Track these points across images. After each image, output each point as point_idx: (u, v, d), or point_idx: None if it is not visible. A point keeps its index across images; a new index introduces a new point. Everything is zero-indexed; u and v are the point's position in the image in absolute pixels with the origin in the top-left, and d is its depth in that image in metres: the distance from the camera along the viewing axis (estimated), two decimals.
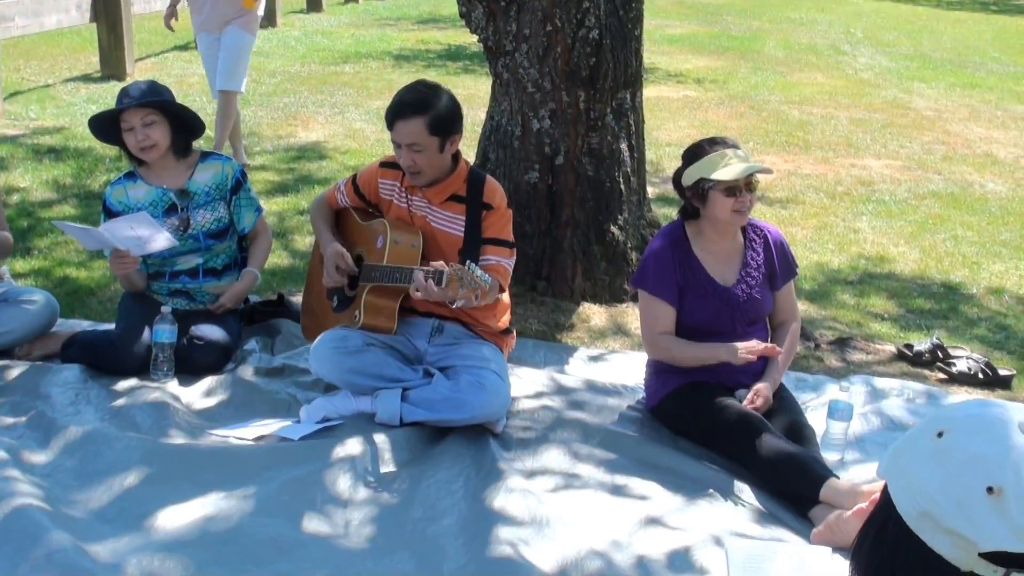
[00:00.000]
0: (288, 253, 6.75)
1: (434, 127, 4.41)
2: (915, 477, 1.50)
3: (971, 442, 1.48)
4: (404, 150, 4.45)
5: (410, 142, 4.42)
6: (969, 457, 1.47)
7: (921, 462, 1.51)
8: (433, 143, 4.43)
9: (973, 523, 1.44)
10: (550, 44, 5.74)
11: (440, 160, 4.49)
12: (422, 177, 4.51)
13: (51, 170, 8.47)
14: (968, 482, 1.45)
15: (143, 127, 4.95)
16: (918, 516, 1.48)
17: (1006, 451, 1.45)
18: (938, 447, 1.50)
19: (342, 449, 4.15)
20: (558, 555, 3.58)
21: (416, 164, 4.46)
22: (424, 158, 4.44)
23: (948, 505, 1.46)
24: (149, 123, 4.95)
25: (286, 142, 9.76)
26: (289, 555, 3.53)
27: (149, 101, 4.94)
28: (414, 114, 4.41)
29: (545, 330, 5.59)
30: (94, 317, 5.63)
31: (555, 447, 4.35)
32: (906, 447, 1.56)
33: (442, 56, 15.41)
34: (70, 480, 4.01)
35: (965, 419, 1.52)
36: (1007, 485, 1.43)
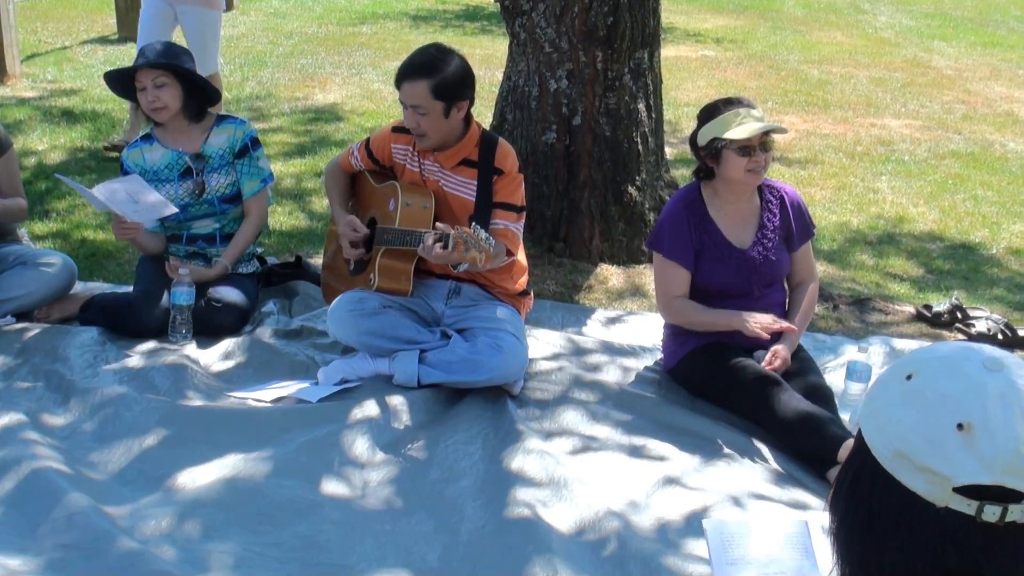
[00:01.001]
0: (305, 215, 6.74)
1: (438, 91, 4.39)
2: (888, 419, 1.57)
3: (939, 382, 1.55)
4: (409, 111, 4.44)
5: (414, 104, 4.41)
6: (938, 396, 1.54)
7: (893, 404, 1.57)
8: (437, 107, 4.41)
9: (946, 459, 1.50)
10: (567, 3, 5.70)
11: (445, 125, 4.47)
12: (427, 140, 4.49)
13: (68, 132, 8.48)
14: (939, 420, 1.52)
15: (154, 88, 4.94)
16: (893, 456, 1.54)
17: (973, 388, 1.53)
18: (908, 389, 1.57)
19: (360, 411, 4.16)
20: (576, 516, 3.59)
21: (420, 126, 4.44)
22: (428, 121, 4.43)
23: (921, 443, 1.52)
24: (160, 85, 4.95)
25: (303, 103, 9.73)
26: (307, 516, 3.55)
27: (161, 62, 4.93)
28: (420, 77, 4.39)
29: (563, 291, 5.58)
30: (112, 280, 5.64)
31: (573, 408, 4.35)
32: (878, 392, 1.62)
33: (460, 16, 15.33)
34: (89, 442, 4.04)
35: (932, 360, 1.59)
36: (976, 421, 1.50)
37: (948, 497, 1.50)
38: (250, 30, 13.64)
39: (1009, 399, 1.51)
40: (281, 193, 6.99)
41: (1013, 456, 1.48)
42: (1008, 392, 1.51)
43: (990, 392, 1.51)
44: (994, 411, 1.50)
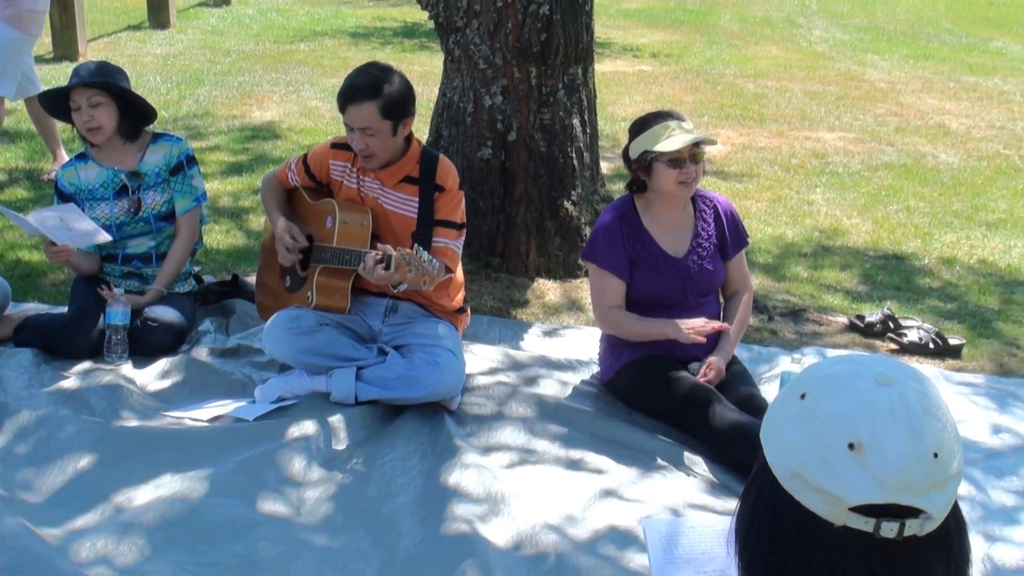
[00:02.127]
0: (243, 233, 6.72)
1: (387, 111, 4.40)
2: (784, 439, 1.58)
3: (830, 401, 1.55)
4: (357, 134, 4.44)
5: (363, 126, 4.41)
6: (829, 416, 1.54)
7: (788, 424, 1.59)
8: (386, 127, 4.42)
9: (839, 479, 1.51)
10: (500, 20, 5.74)
11: (393, 143, 4.49)
12: (375, 160, 4.50)
13: (3, 152, 8.40)
14: (830, 441, 1.53)
15: (89, 108, 4.93)
16: (790, 477, 1.56)
17: (863, 406, 1.53)
18: (802, 409, 1.58)
19: (297, 428, 4.16)
20: (513, 530, 3.61)
21: (369, 148, 4.45)
22: (377, 142, 4.44)
23: (815, 464, 1.53)
24: (95, 104, 4.93)
25: (240, 121, 9.70)
26: (244, 535, 3.55)
27: (95, 82, 4.91)
28: (366, 98, 4.39)
29: (500, 306, 5.61)
30: (47, 300, 5.59)
31: (510, 423, 4.37)
32: (776, 411, 1.63)
33: (398, 33, 15.35)
34: (23, 464, 4.00)
35: (825, 379, 1.60)
36: (866, 440, 1.51)
37: (845, 516, 1.52)
38: (187, 48, 13.57)
39: (899, 414, 1.51)
40: (218, 211, 6.97)
41: (904, 473, 1.49)
42: (898, 407, 1.52)
43: (880, 408, 1.52)
44: (884, 428, 1.50)
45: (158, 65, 12.29)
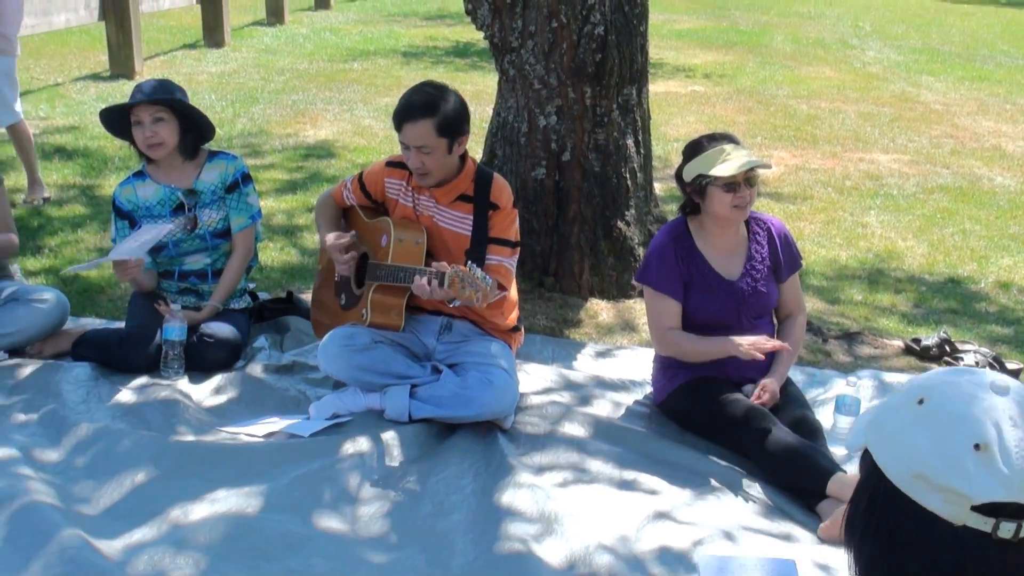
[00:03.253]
0: (297, 251, 6.77)
1: (442, 129, 4.42)
2: (904, 443, 1.64)
3: (952, 405, 1.62)
4: (413, 152, 4.47)
5: (419, 144, 4.43)
6: (953, 419, 1.61)
7: (907, 428, 1.65)
8: (441, 145, 4.45)
9: (966, 478, 1.57)
10: (556, 40, 5.76)
11: (448, 161, 4.51)
12: (430, 178, 4.52)
13: (61, 169, 8.50)
14: (956, 442, 1.59)
15: (152, 123, 4.98)
16: (911, 478, 1.62)
17: (985, 411, 1.60)
18: (922, 413, 1.64)
19: (352, 445, 4.18)
20: (566, 550, 3.60)
21: (425, 166, 4.47)
22: (432, 160, 4.46)
23: (940, 465, 1.59)
24: (158, 120, 4.98)
25: (295, 140, 9.78)
26: (299, 550, 3.56)
27: (159, 98, 4.96)
28: (422, 116, 4.42)
29: (553, 326, 5.61)
30: (104, 315, 5.66)
31: (563, 443, 4.37)
32: (888, 418, 1.70)
33: (450, 53, 15.43)
34: (82, 477, 4.04)
35: (942, 385, 1.67)
36: (991, 441, 1.57)
37: (966, 516, 1.57)
38: (241, 66, 13.71)
39: (1018, 419, 1.59)
40: (273, 229, 7.03)
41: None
42: (1016, 412, 1.60)
43: (1001, 412, 1.59)
44: (1006, 430, 1.57)
45: (213, 83, 12.42)
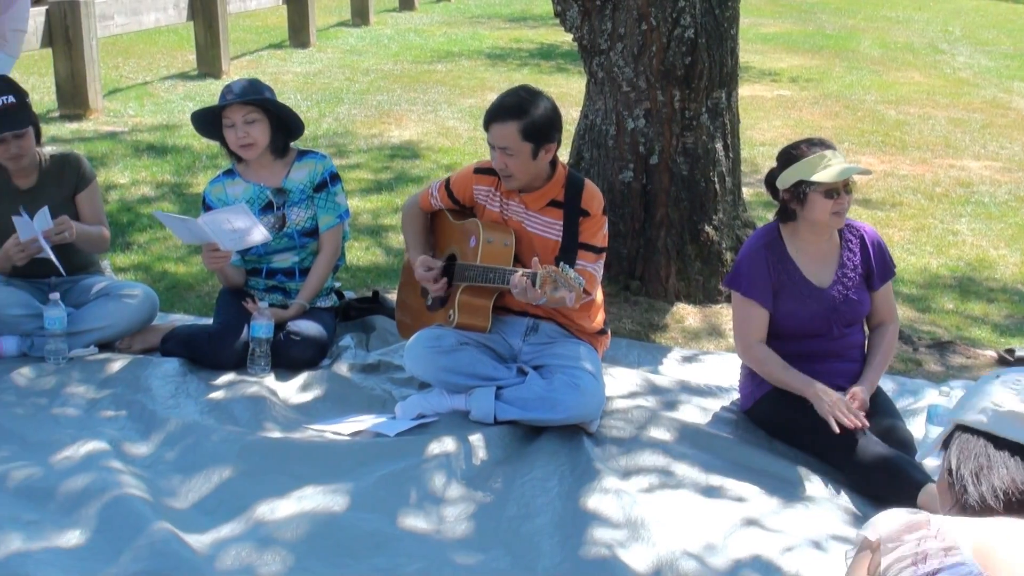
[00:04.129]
0: (382, 250, 6.80)
1: (527, 133, 4.41)
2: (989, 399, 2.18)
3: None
4: (497, 152, 4.46)
5: (503, 145, 4.43)
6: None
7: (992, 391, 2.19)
8: (525, 149, 4.43)
9: None
10: (645, 43, 5.73)
11: (533, 166, 4.49)
12: (513, 181, 4.51)
13: (150, 167, 8.61)
14: None
15: (244, 124, 5.01)
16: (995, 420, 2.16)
17: None
18: (1003, 379, 2.21)
19: (437, 446, 4.17)
20: (652, 556, 3.57)
21: (508, 167, 4.46)
22: (515, 162, 4.45)
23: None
24: (250, 120, 5.01)
25: (379, 140, 9.83)
26: (385, 549, 3.57)
27: (251, 99, 5.00)
28: (509, 118, 4.41)
29: (639, 330, 5.58)
30: (193, 312, 5.72)
31: (649, 447, 4.33)
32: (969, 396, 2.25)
33: (534, 55, 15.42)
34: (170, 471, 4.08)
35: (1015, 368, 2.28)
36: None
37: None
38: (327, 67, 13.81)
39: None
40: (358, 229, 7.06)
41: None
42: None
43: None
44: None
45: (298, 83, 12.53)
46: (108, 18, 11.24)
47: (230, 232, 4.84)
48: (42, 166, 5.19)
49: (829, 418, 4.16)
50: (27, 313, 5.01)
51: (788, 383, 4.34)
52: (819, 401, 4.22)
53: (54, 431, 4.34)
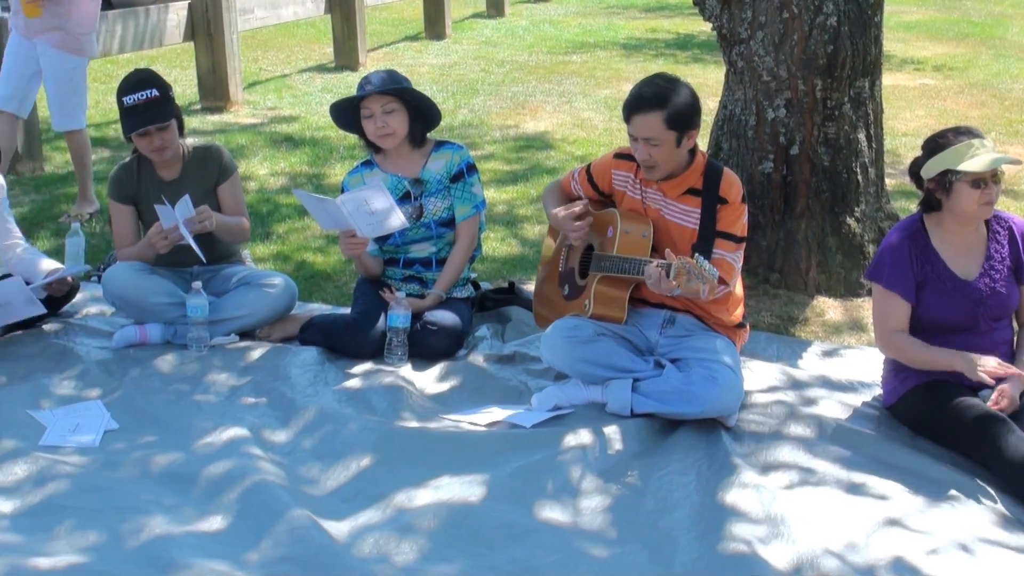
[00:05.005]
0: (517, 241, 6.80)
1: (671, 122, 4.36)
2: None
3: None
4: (640, 144, 4.42)
5: (647, 136, 4.39)
6: None
7: None
8: (670, 138, 4.39)
9: None
10: (786, 31, 5.63)
11: (676, 155, 4.44)
12: (657, 171, 4.47)
13: (288, 158, 8.74)
14: None
15: (383, 114, 5.05)
16: None
17: None
18: None
19: (573, 437, 4.16)
20: (793, 553, 3.50)
21: (652, 158, 4.42)
22: (660, 152, 4.40)
23: None
24: (389, 111, 5.05)
25: (515, 131, 9.83)
26: (521, 541, 3.57)
27: (390, 89, 5.03)
28: (652, 108, 4.37)
29: (778, 323, 5.49)
30: (331, 301, 5.78)
31: (789, 443, 4.25)
32: None
33: (671, 45, 15.28)
34: (308, 459, 4.14)
35: None
36: None
37: None
38: (462, 58, 13.88)
39: None
40: (494, 220, 7.06)
41: None
42: None
43: None
44: None
45: (434, 75, 12.60)
46: (248, 12, 11.45)
47: (368, 216, 4.87)
48: (185, 158, 5.29)
49: (984, 377, 4.07)
50: (171, 302, 5.11)
51: (933, 361, 4.23)
52: (970, 366, 4.11)
53: (196, 417, 4.43)
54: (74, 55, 7.18)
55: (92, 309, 5.61)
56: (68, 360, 4.94)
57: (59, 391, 4.68)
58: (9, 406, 4.46)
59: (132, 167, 5.30)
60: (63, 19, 7.07)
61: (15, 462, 3.99)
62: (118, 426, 4.37)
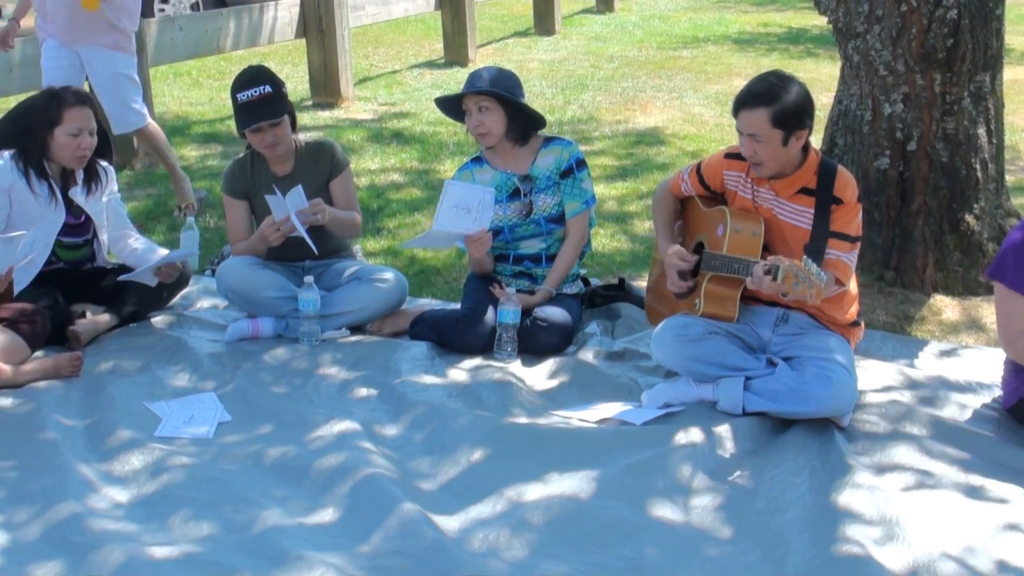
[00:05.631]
0: (627, 238, 6.76)
1: (777, 120, 4.30)
2: None
3: None
4: (746, 139, 4.37)
5: (752, 132, 4.33)
6: None
7: None
8: (775, 136, 4.32)
9: None
10: (904, 25, 5.53)
11: (783, 154, 4.38)
12: (763, 169, 4.42)
13: (398, 153, 8.79)
14: None
15: (478, 113, 5.06)
16: None
17: None
18: None
19: (684, 435, 4.13)
20: (909, 557, 3.43)
21: (757, 155, 4.37)
22: (765, 149, 4.35)
23: None
24: (484, 110, 5.06)
25: (624, 127, 9.79)
26: (632, 538, 3.55)
27: (483, 89, 5.04)
28: (759, 104, 4.31)
29: (893, 322, 5.39)
30: (440, 296, 5.80)
31: (905, 443, 4.17)
32: None
33: (783, 39, 15.10)
34: (419, 453, 4.15)
35: None
36: None
37: None
38: (571, 54, 13.85)
39: None
40: (603, 216, 7.04)
41: None
42: None
43: None
44: None
45: (543, 70, 12.59)
46: (359, 8, 11.55)
47: (467, 216, 4.90)
48: (298, 154, 5.35)
49: None
50: (283, 295, 5.16)
51: None
52: None
53: (308, 410, 4.47)
54: (122, 54, 7.03)
55: (205, 302, 5.70)
56: (181, 353, 5.02)
57: (173, 383, 4.76)
58: (125, 397, 4.55)
59: (246, 163, 5.37)
60: (117, 13, 6.92)
61: (131, 452, 4.07)
62: (231, 418, 4.43)
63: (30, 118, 5.10)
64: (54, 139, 5.06)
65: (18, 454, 4.06)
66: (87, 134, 5.10)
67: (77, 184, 5.24)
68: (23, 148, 5.09)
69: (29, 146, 5.08)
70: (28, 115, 5.12)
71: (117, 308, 5.26)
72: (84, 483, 3.83)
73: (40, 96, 5.21)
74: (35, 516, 3.62)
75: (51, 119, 5.05)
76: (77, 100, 5.11)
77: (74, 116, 5.06)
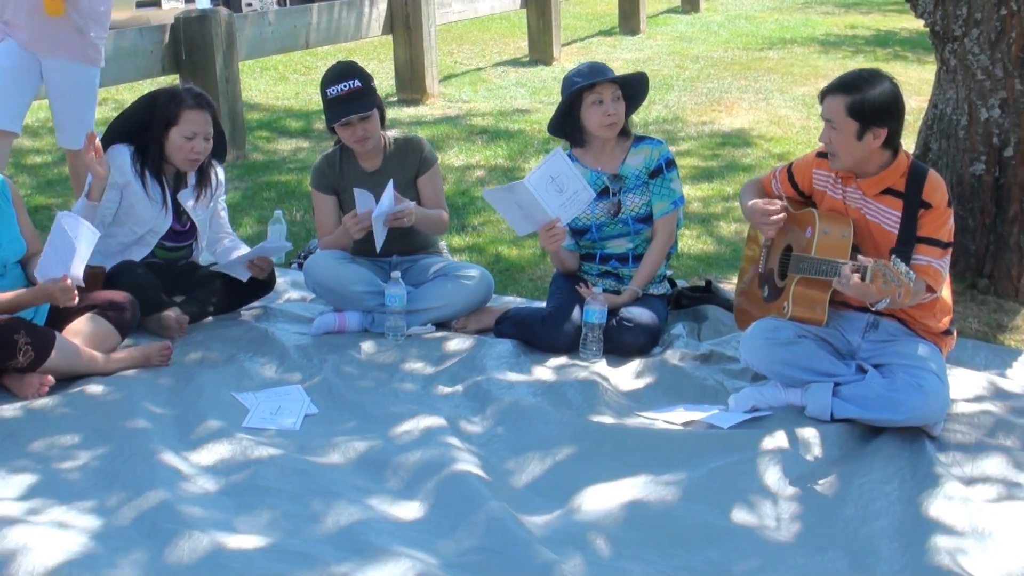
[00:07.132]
0: (713, 239, 6.72)
1: (854, 110, 4.26)
2: None
3: None
4: (825, 125, 4.36)
5: (828, 116, 4.33)
6: None
7: None
8: (850, 126, 4.28)
9: None
10: (1004, 28, 5.43)
11: (857, 148, 4.32)
12: (837, 160, 4.37)
13: (483, 150, 8.81)
14: None
15: (613, 102, 5.08)
16: None
17: None
18: None
19: (771, 440, 4.09)
20: (1000, 569, 3.38)
21: (831, 142, 4.34)
22: (838, 138, 4.31)
23: None
24: (617, 99, 5.10)
25: (710, 128, 9.73)
26: (718, 543, 3.52)
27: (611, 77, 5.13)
28: (841, 92, 4.30)
29: (986, 331, 5.30)
30: (525, 294, 5.80)
31: (997, 454, 4.10)
32: None
33: (870, 42, 14.92)
34: (504, 451, 4.15)
35: None
36: None
37: None
38: (656, 53, 13.80)
39: None
40: (689, 217, 7.00)
41: None
42: None
43: None
44: None
45: (628, 70, 12.33)
46: (446, 5, 11.59)
47: (558, 195, 4.86)
48: (387, 149, 5.37)
49: None
50: (369, 290, 5.19)
51: None
52: None
53: (394, 405, 4.49)
54: (93, 66, 6.21)
55: (292, 295, 5.75)
56: (268, 345, 5.07)
57: (261, 374, 4.80)
58: (213, 388, 4.59)
59: (335, 157, 5.40)
60: (85, 19, 6.07)
61: (219, 442, 4.11)
62: (318, 411, 4.46)
63: (149, 115, 5.16)
64: (168, 139, 5.12)
65: (109, 441, 4.11)
66: (202, 139, 5.15)
67: (187, 187, 5.30)
68: (142, 146, 5.15)
69: (148, 145, 5.14)
70: (148, 111, 5.18)
71: (200, 303, 5.30)
72: (173, 471, 3.87)
73: (162, 93, 5.26)
74: (125, 502, 3.67)
75: (168, 119, 5.11)
76: (197, 103, 5.16)
77: (191, 119, 5.12)
